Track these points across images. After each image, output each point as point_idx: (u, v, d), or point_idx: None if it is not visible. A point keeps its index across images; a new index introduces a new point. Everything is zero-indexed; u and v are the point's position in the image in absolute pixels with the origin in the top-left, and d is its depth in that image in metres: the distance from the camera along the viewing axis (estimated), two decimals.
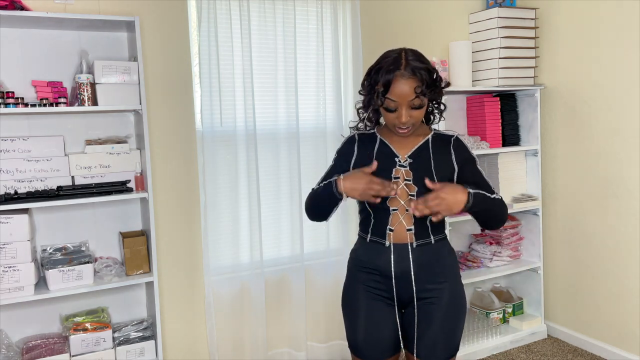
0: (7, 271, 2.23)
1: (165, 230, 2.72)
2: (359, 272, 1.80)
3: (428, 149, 1.75)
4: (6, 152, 2.31)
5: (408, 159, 1.73)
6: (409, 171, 1.71)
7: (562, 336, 3.39)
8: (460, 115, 3.41)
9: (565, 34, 3.20)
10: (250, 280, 2.87)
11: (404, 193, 1.70)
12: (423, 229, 1.72)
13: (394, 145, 1.76)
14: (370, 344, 1.76)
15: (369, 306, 1.76)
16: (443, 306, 1.72)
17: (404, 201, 1.70)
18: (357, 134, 1.84)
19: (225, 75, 2.74)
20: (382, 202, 1.70)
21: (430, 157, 1.73)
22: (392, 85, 1.62)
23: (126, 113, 2.61)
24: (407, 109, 1.64)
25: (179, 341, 2.80)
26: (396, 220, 1.71)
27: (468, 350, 3.16)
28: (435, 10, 3.32)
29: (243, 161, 2.82)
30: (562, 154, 3.28)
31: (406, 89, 1.61)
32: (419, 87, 1.61)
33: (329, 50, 2.97)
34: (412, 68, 1.61)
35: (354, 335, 1.79)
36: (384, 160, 1.73)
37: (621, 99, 2.92)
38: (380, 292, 1.76)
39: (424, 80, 1.62)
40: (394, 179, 1.70)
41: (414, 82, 1.61)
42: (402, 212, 1.71)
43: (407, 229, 1.71)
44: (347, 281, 1.86)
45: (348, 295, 1.84)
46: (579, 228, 3.23)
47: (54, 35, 2.45)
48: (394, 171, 1.71)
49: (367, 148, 1.78)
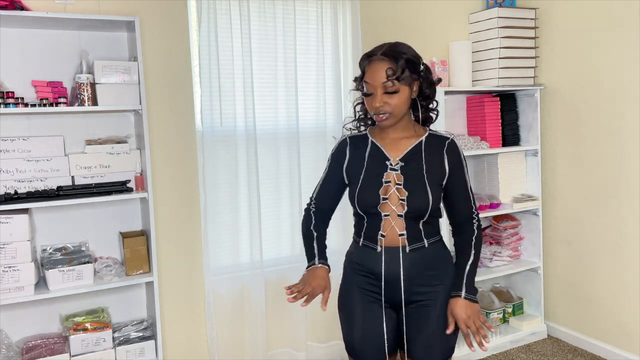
0: (7, 271, 2.23)
1: (165, 230, 2.72)
2: (355, 274, 1.80)
3: (420, 152, 1.73)
4: (6, 152, 2.31)
5: (400, 162, 1.71)
6: (400, 175, 1.69)
7: (562, 336, 3.39)
8: (460, 115, 3.41)
9: (565, 34, 3.20)
10: (250, 280, 2.87)
11: (395, 197, 1.68)
12: (415, 233, 1.71)
13: (385, 148, 1.74)
14: (366, 346, 1.76)
15: (365, 308, 1.76)
16: (438, 308, 1.72)
17: (395, 206, 1.69)
18: (349, 137, 1.82)
19: (225, 75, 2.74)
20: (373, 207, 1.70)
21: (422, 160, 1.71)
22: (367, 69, 1.66)
23: (126, 113, 2.61)
24: (381, 92, 1.63)
25: (179, 341, 2.80)
26: (388, 226, 1.70)
27: (468, 350, 3.16)
28: (435, 10, 3.32)
29: (243, 161, 2.82)
30: (562, 154, 3.28)
31: (378, 70, 1.63)
32: (391, 69, 1.61)
33: (329, 50, 2.97)
34: (389, 53, 1.63)
35: (350, 336, 1.79)
36: (376, 164, 1.73)
37: (621, 99, 2.92)
38: (374, 294, 1.76)
39: (399, 66, 1.61)
40: (385, 183, 1.69)
41: (386, 64, 1.62)
42: (393, 217, 1.69)
43: (400, 234, 1.70)
44: (343, 283, 1.86)
45: (344, 297, 1.84)
46: (579, 228, 3.23)
47: (54, 35, 2.45)
48: (384, 175, 1.70)
49: (359, 151, 1.77)
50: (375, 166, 1.72)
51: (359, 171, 1.74)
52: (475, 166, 3.48)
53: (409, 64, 1.63)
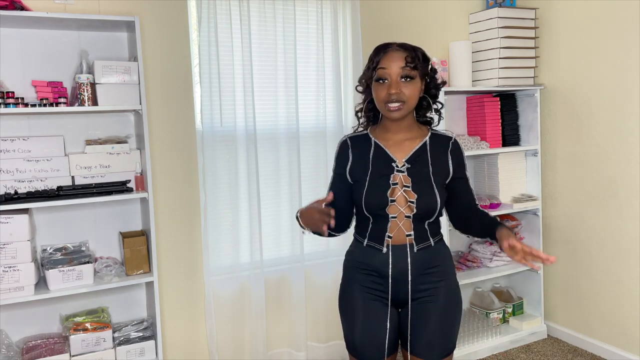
0: (7, 271, 2.23)
1: (165, 230, 2.72)
2: (356, 273, 1.79)
3: (426, 152, 1.73)
4: (6, 152, 2.31)
5: (406, 163, 1.71)
6: (407, 177, 1.69)
7: (562, 336, 3.39)
8: (460, 115, 3.41)
9: (565, 34, 3.20)
10: (250, 280, 2.87)
11: (402, 199, 1.68)
12: (422, 233, 1.72)
13: (390, 149, 1.73)
14: (367, 344, 1.75)
15: (366, 306, 1.76)
16: (440, 305, 1.73)
17: (402, 207, 1.68)
18: (349, 138, 1.80)
19: (225, 75, 2.74)
20: (381, 209, 1.69)
21: (428, 161, 1.72)
22: (383, 57, 1.66)
23: (126, 113, 2.61)
24: (397, 78, 1.64)
25: (179, 341, 2.81)
26: (395, 227, 1.70)
27: (468, 350, 3.16)
28: (435, 10, 3.32)
29: (243, 161, 2.82)
30: (562, 154, 3.28)
31: (397, 57, 1.65)
32: (410, 57, 1.64)
33: (329, 50, 2.97)
34: (406, 45, 1.68)
35: (352, 335, 1.79)
36: (381, 165, 1.71)
37: (621, 98, 2.92)
38: (377, 292, 1.75)
39: (415, 56, 1.65)
40: (392, 185, 1.69)
41: (405, 53, 1.65)
42: (401, 218, 1.69)
43: (407, 234, 1.70)
44: (343, 282, 1.85)
45: (345, 295, 1.83)
46: (579, 228, 3.23)
47: (54, 35, 2.45)
48: (391, 177, 1.69)
49: (362, 152, 1.76)
50: (380, 168, 1.71)
51: (365, 173, 1.73)
52: (475, 166, 3.48)
53: (424, 58, 1.68)
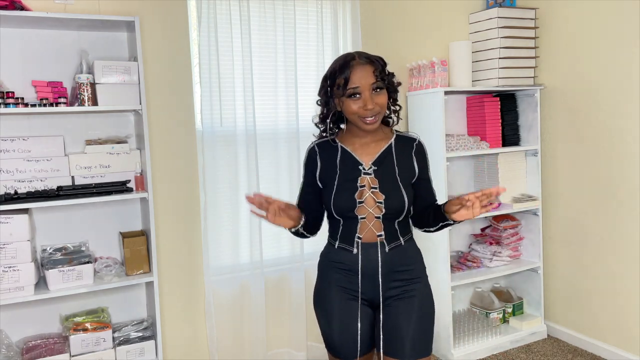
0: (7, 271, 2.23)
1: (165, 230, 2.72)
2: (331, 272, 1.80)
3: (392, 154, 1.75)
4: (6, 152, 2.31)
5: (372, 165, 1.73)
6: (374, 178, 1.72)
7: (562, 336, 3.39)
8: (460, 115, 3.41)
9: (565, 34, 3.20)
10: (250, 280, 2.87)
11: (371, 201, 1.71)
12: (393, 232, 1.74)
13: (356, 153, 1.76)
14: (346, 342, 1.76)
15: (343, 305, 1.77)
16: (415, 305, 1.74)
17: (371, 208, 1.71)
18: (316, 145, 1.82)
19: (225, 75, 2.74)
20: (350, 211, 1.71)
21: (394, 162, 1.74)
22: (351, 74, 1.66)
23: (126, 113, 2.61)
24: (370, 93, 1.65)
25: (179, 341, 2.81)
26: (365, 228, 1.72)
27: (468, 350, 3.16)
28: (435, 10, 3.32)
29: (243, 161, 2.82)
30: (562, 154, 3.28)
31: (365, 73, 1.66)
32: (377, 70, 1.66)
33: (328, 50, 2.96)
34: (367, 57, 1.69)
35: (330, 334, 1.80)
36: (349, 169, 1.74)
37: (621, 98, 2.92)
38: (352, 292, 1.77)
39: (381, 69, 1.68)
40: (360, 188, 1.71)
41: (371, 67, 1.66)
42: (370, 219, 1.71)
43: (378, 234, 1.72)
44: (318, 282, 1.87)
45: (321, 295, 1.84)
46: (579, 228, 3.23)
47: (54, 35, 2.45)
48: (359, 180, 1.72)
49: (329, 157, 1.78)
50: (348, 171, 1.74)
51: (333, 177, 1.75)
52: (475, 166, 3.48)
53: (384, 68, 1.71)
